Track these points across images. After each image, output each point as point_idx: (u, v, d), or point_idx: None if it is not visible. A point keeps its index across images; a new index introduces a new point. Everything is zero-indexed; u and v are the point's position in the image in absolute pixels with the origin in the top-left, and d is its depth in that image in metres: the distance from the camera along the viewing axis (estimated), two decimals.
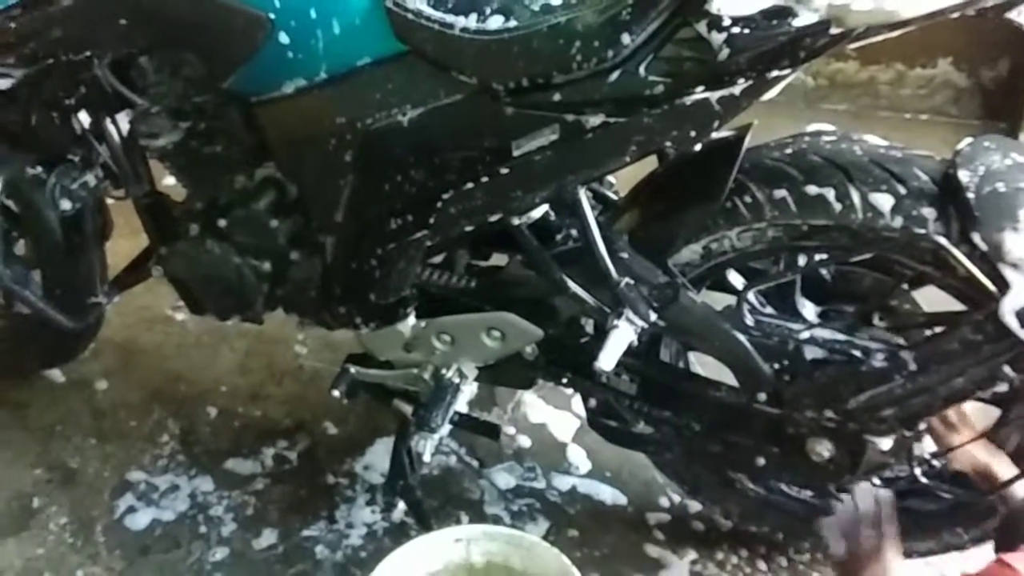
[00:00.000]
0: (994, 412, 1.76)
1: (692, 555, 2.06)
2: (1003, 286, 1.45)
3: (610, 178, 1.96)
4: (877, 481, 1.76)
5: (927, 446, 1.78)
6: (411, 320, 1.82)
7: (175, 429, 2.35)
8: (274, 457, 2.28)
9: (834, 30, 1.28)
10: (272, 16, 1.51)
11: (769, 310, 1.73)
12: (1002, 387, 1.57)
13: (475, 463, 2.27)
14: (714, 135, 1.54)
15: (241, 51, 1.55)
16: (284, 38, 1.52)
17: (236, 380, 2.50)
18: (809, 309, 1.76)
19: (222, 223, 1.79)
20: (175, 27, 1.58)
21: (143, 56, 1.69)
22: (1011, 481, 1.62)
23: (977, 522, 1.83)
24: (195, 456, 2.28)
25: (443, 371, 1.85)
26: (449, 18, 1.46)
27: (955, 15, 1.30)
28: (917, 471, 1.71)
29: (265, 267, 1.79)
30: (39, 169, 1.87)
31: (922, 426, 1.67)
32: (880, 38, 1.35)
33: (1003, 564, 1.14)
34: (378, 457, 2.24)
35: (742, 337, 1.66)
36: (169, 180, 1.90)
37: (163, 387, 2.48)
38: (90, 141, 1.80)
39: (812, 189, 1.57)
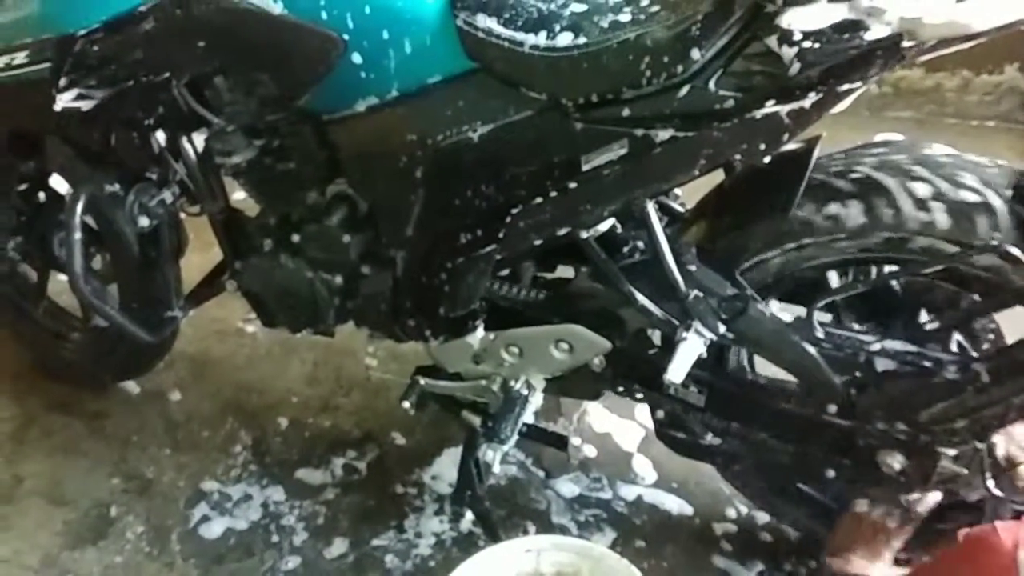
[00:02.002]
0: None
1: (759, 567, 2.06)
2: None
3: (677, 190, 1.96)
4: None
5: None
6: (480, 332, 1.84)
7: (247, 439, 2.40)
8: (343, 467, 2.31)
9: (906, 43, 1.29)
10: (346, 37, 1.54)
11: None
12: None
13: (541, 473, 2.28)
14: (784, 146, 1.55)
15: (315, 71, 1.58)
16: (357, 58, 1.56)
17: (306, 391, 2.54)
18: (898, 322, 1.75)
19: (295, 238, 1.82)
20: (250, 48, 1.61)
21: (219, 76, 1.72)
22: None
23: None
24: (267, 466, 2.32)
25: (511, 383, 1.86)
26: (519, 36, 1.48)
27: None
28: (990, 483, 1.69)
29: (337, 281, 1.83)
30: (118, 187, 1.91)
31: (995, 438, 1.66)
32: (951, 50, 1.35)
33: (991, 528, 1.17)
34: (445, 467, 2.26)
35: (812, 349, 1.66)
36: (239, 194, 1.94)
37: (235, 398, 2.52)
38: (167, 159, 1.84)
39: (881, 201, 1.57)
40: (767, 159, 1.57)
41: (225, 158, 1.81)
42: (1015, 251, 1.49)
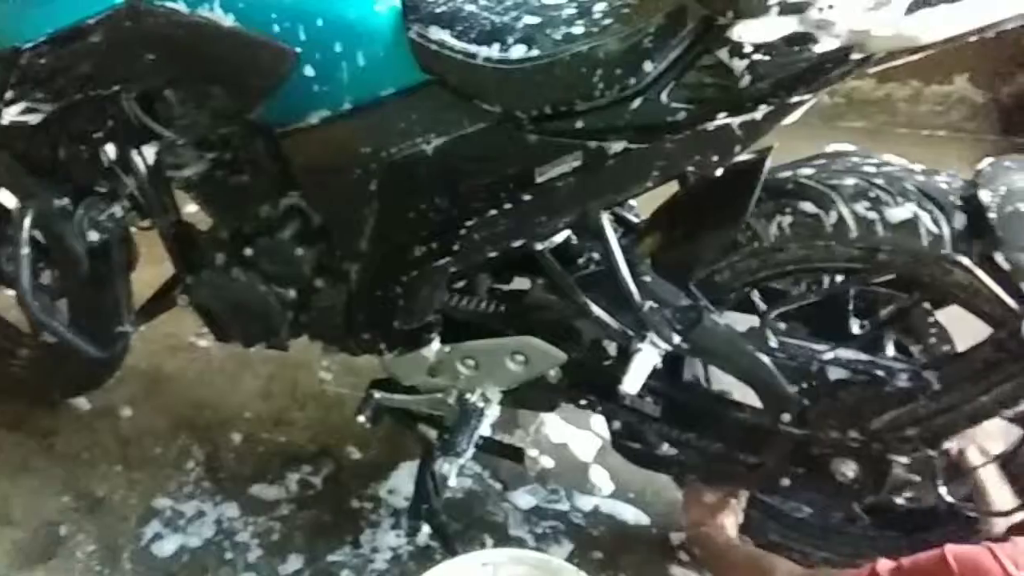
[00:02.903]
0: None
1: None
2: None
3: (632, 202, 1.96)
4: None
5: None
6: (435, 345, 1.83)
7: (200, 455, 2.37)
8: (298, 482, 2.29)
9: (855, 56, 1.30)
10: (298, 49, 1.53)
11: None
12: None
13: (498, 486, 2.27)
14: (736, 158, 1.56)
15: (266, 84, 1.57)
16: (309, 71, 1.55)
17: (260, 406, 2.51)
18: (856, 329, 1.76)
19: (248, 252, 1.81)
20: (201, 61, 1.60)
21: (169, 89, 1.71)
22: (1013, 511, 1.62)
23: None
24: (220, 482, 2.29)
25: (467, 395, 1.86)
26: (472, 48, 1.48)
27: (973, 39, 1.31)
28: (942, 490, 1.71)
29: (290, 295, 1.82)
30: (66, 201, 1.89)
31: (946, 445, 1.67)
32: (900, 62, 1.36)
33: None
34: (402, 481, 2.25)
35: (766, 359, 1.66)
36: (191, 207, 1.92)
37: (188, 414, 2.49)
38: (117, 173, 1.82)
39: (832, 211, 1.59)
40: (720, 170, 1.58)
41: (176, 171, 1.80)
42: (964, 260, 1.51)
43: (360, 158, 1.60)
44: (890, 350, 1.72)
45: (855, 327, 1.75)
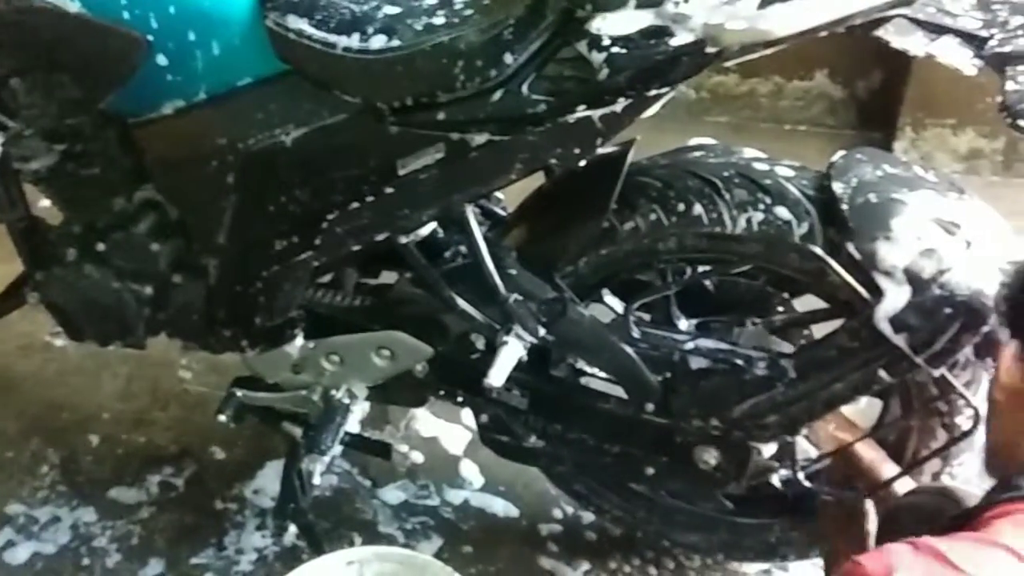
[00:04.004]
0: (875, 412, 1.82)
1: (585, 566, 2.08)
2: (877, 294, 1.51)
3: (498, 194, 1.96)
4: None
5: (811, 450, 1.84)
6: (299, 341, 1.80)
7: (55, 459, 2.27)
8: (160, 484, 2.22)
9: (710, 49, 1.32)
10: (149, 37, 1.48)
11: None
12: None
13: (367, 483, 2.24)
14: (598, 150, 1.57)
15: (117, 73, 1.52)
16: (162, 59, 1.50)
17: (119, 406, 2.42)
18: (683, 321, 1.80)
19: (100, 247, 1.74)
20: (47, 49, 1.53)
21: (14, 78, 1.63)
22: (893, 479, 1.66)
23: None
24: (77, 486, 2.21)
25: (333, 392, 1.83)
26: (331, 37, 1.46)
27: (824, 34, 1.35)
28: (800, 475, 1.76)
29: (146, 291, 1.75)
30: None
31: (804, 431, 1.72)
32: (754, 56, 1.39)
33: (855, 563, 1.19)
34: (268, 481, 2.20)
35: (629, 349, 1.69)
36: (45, 203, 1.85)
37: (42, 416, 2.39)
38: None
39: (690, 203, 1.61)
40: (583, 162, 1.59)
41: (24, 164, 1.71)
42: (817, 250, 1.55)
43: (216, 149, 1.56)
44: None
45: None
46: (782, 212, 1.57)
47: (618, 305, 1.77)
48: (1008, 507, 1.18)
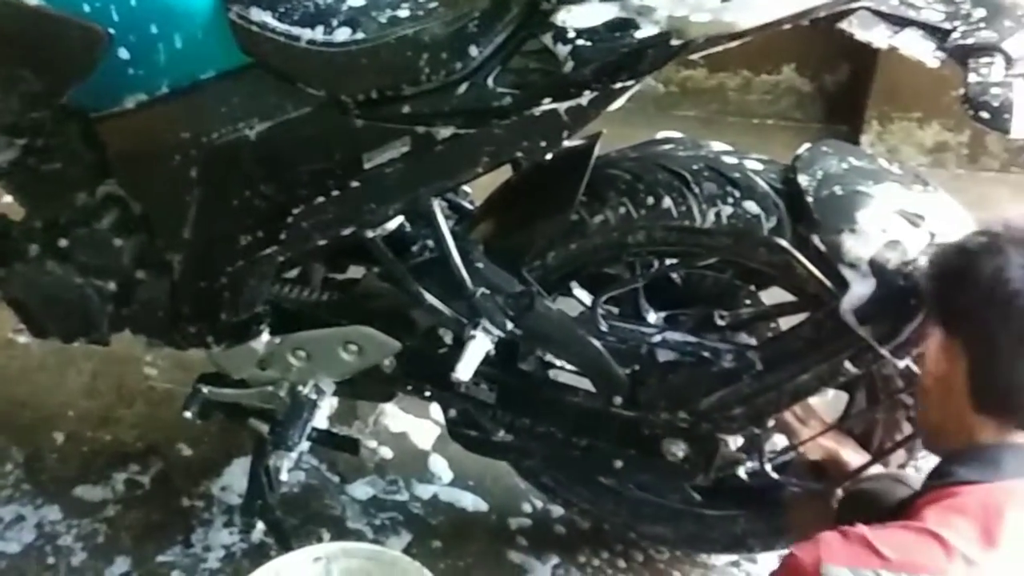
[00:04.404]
0: (841, 404, 1.83)
1: (555, 559, 2.08)
2: (841, 285, 1.51)
3: (466, 188, 1.95)
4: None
5: (779, 442, 1.85)
6: (265, 337, 1.79)
7: (19, 457, 2.25)
8: (125, 482, 2.20)
9: (674, 42, 1.32)
10: (111, 30, 1.46)
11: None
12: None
13: (336, 479, 2.23)
14: (565, 144, 1.57)
15: (78, 66, 1.50)
16: (124, 53, 1.49)
17: (84, 404, 2.40)
18: (652, 315, 1.80)
19: (63, 243, 1.73)
20: (7, 43, 1.51)
21: None
22: (863, 467, 1.67)
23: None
24: (41, 484, 2.19)
25: (300, 388, 1.82)
26: (295, 30, 1.45)
27: (787, 26, 1.35)
28: (768, 466, 1.76)
29: (109, 287, 1.74)
30: None
31: (771, 423, 1.73)
32: (719, 48, 1.39)
33: (791, 554, 1.23)
34: (235, 478, 2.19)
35: (597, 343, 1.68)
36: (7, 199, 1.83)
37: (6, 413, 2.36)
38: None
39: (656, 196, 1.61)
40: (549, 156, 1.58)
41: None
42: (783, 243, 1.55)
43: (179, 144, 1.55)
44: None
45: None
46: (750, 205, 1.57)
47: (587, 298, 1.77)
48: (938, 493, 1.23)
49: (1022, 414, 1.23)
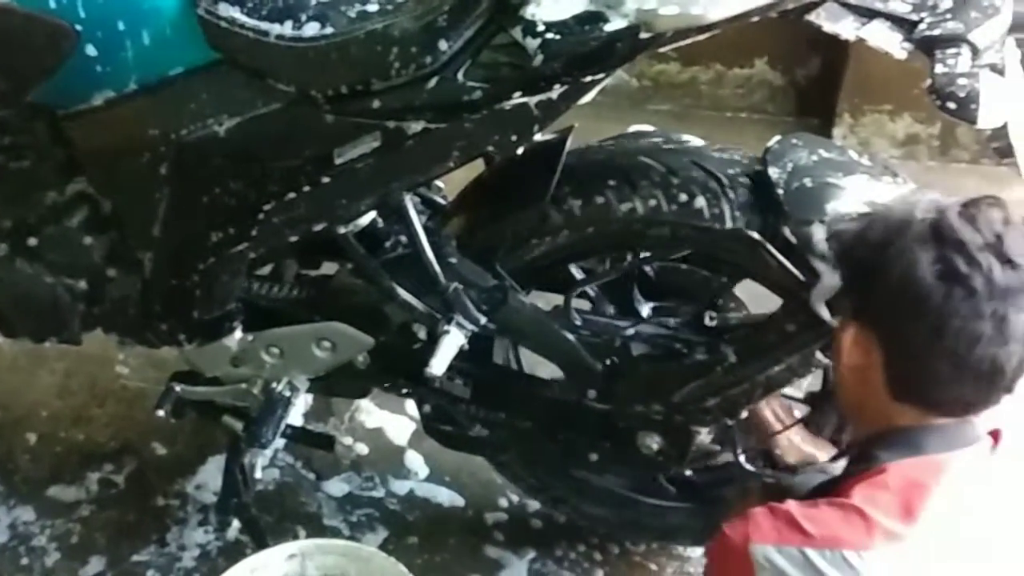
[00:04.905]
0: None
1: (531, 553, 2.08)
2: (813, 276, 1.51)
3: (439, 183, 1.95)
4: None
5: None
6: (237, 334, 1.77)
7: None
8: (100, 482, 2.19)
9: (643, 34, 1.32)
10: (78, 28, 1.45)
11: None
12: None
13: (311, 476, 2.23)
14: (536, 138, 1.57)
15: (44, 64, 1.49)
16: (91, 50, 1.47)
17: (56, 403, 2.39)
18: (645, 307, 1.80)
19: (32, 242, 1.71)
20: None
21: None
22: (833, 459, 1.69)
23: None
24: (14, 485, 2.18)
25: (273, 385, 1.81)
26: (264, 25, 1.44)
27: (756, 18, 1.36)
28: (741, 458, 1.77)
29: (80, 286, 1.73)
30: None
31: (744, 414, 1.73)
32: (688, 41, 1.40)
33: (721, 532, 1.25)
34: (210, 476, 2.18)
35: (571, 336, 1.69)
36: None
37: None
38: None
39: (633, 189, 1.61)
40: (521, 150, 1.58)
41: None
42: (754, 235, 1.56)
43: (149, 141, 1.54)
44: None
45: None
46: (718, 197, 1.58)
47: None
48: (864, 476, 1.24)
49: (941, 403, 1.24)
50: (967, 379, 1.20)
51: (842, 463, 1.64)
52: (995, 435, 1.31)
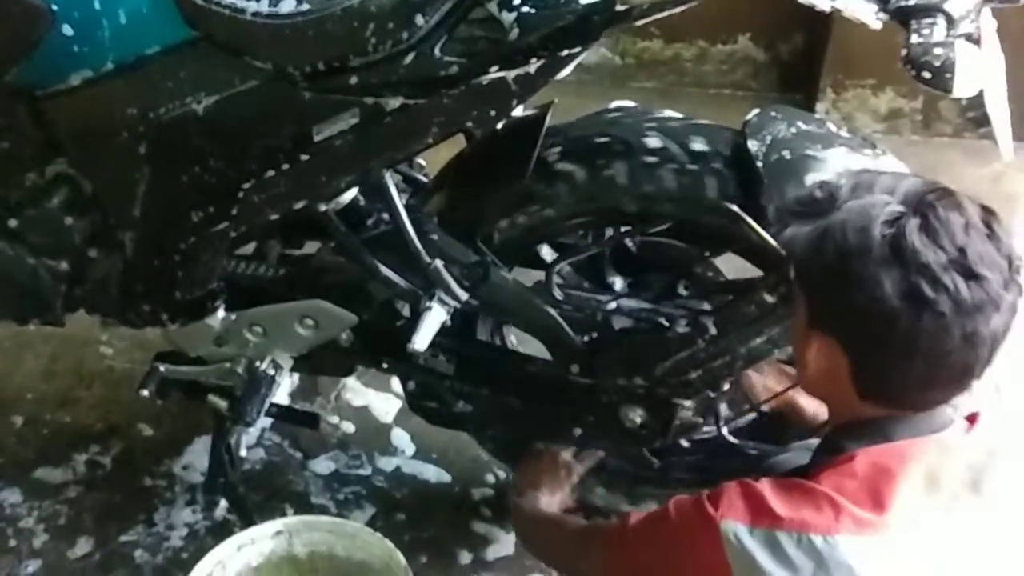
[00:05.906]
0: None
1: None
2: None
3: (420, 161, 1.96)
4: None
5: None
6: (220, 313, 1.78)
7: None
8: (87, 463, 2.20)
9: (619, 7, 1.32)
10: (54, 7, 1.45)
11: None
12: None
13: (298, 455, 2.23)
14: (516, 113, 1.57)
15: (20, 44, 1.49)
16: (68, 30, 1.47)
17: (42, 386, 2.39)
18: (619, 281, 1.81)
19: (13, 223, 1.71)
20: None
21: None
22: (820, 427, 1.69)
23: None
24: (1, 467, 2.18)
25: (257, 363, 1.81)
26: (240, 2, 1.44)
27: None
28: (724, 430, 1.78)
29: (62, 267, 1.73)
30: None
31: (726, 386, 1.74)
32: (665, 14, 1.39)
33: (697, 501, 1.28)
34: (197, 456, 2.18)
35: (552, 311, 1.69)
36: None
37: None
38: None
39: (614, 164, 1.61)
40: (500, 125, 1.58)
41: None
42: (735, 208, 1.56)
43: (127, 120, 1.53)
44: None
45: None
46: (697, 171, 1.58)
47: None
48: (833, 463, 1.27)
49: (910, 403, 1.26)
50: (936, 384, 1.23)
51: None
52: (972, 418, 1.32)
